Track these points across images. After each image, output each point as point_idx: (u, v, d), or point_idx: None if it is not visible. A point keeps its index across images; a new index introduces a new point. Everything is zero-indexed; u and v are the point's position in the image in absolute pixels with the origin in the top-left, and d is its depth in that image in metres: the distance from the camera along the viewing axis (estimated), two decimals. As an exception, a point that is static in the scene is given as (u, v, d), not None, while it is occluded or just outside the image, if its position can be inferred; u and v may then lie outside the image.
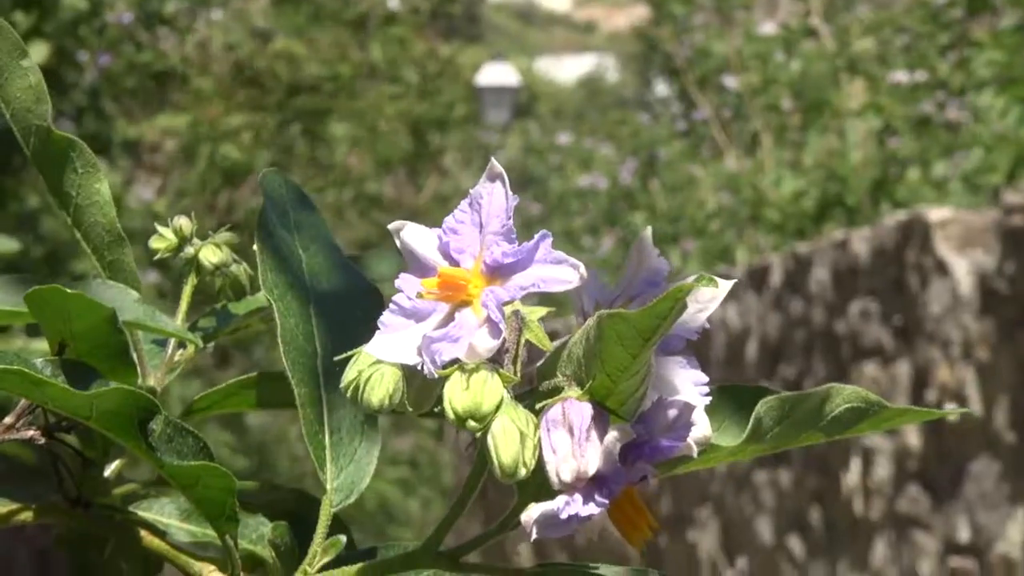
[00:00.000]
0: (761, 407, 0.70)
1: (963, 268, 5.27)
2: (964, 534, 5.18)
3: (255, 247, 0.76)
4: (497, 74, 17.52)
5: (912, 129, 7.45)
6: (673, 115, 13.87)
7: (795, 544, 6.48)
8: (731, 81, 11.17)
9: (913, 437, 5.44)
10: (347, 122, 13.96)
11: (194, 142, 12.10)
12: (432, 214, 15.22)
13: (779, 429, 0.71)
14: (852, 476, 5.90)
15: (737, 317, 6.92)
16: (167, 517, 0.78)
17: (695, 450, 0.66)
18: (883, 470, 5.71)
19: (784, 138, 9.61)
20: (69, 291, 0.71)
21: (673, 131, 12.90)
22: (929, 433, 5.37)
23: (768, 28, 12.24)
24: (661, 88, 15.15)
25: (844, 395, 0.72)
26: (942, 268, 5.34)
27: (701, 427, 0.66)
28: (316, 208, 0.78)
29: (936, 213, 5.52)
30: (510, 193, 0.66)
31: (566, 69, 24.45)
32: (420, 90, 15.26)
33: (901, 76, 7.81)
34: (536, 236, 0.65)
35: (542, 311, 0.65)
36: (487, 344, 0.63)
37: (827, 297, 6.19)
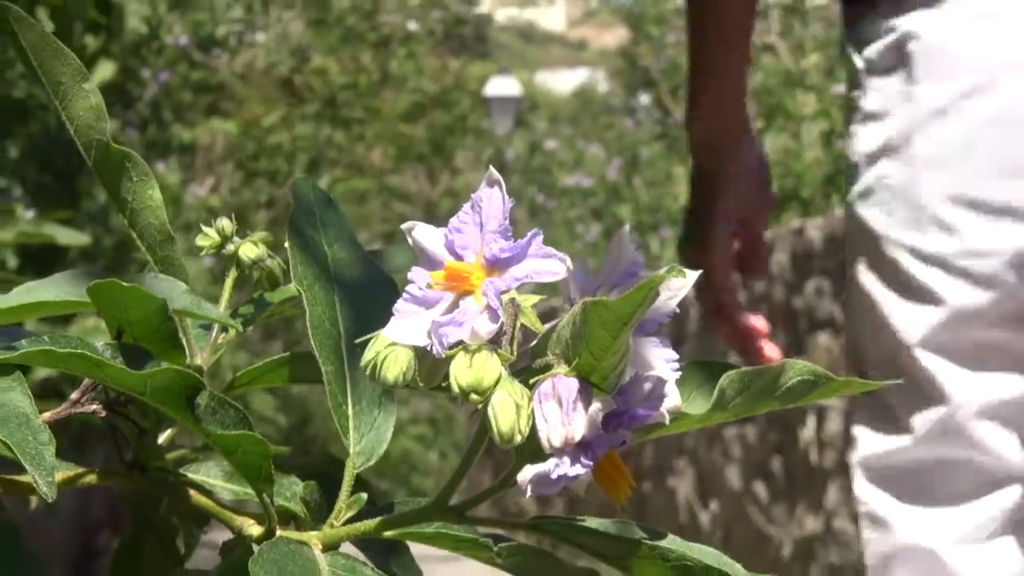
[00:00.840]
0: (724, 380, 0.69)
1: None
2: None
3: (287, 243, 0.76)
4: (502, 86, 17.47)
5: (860, 130, 7.51)
6: (653, 120, 13.85)
7: (760, 489, 6.49)
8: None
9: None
10: (371, 123, 13.99)
11: (241, 144, 12.10)
12: (445, 206, 15.22)
13: (740, 399, 0.70)
14: (808, 431, 5.91)
15: (709, 295, 7.00)
16: (212, 478, 0.78)
17: (667, 418, 0.65)
18: (834, 425, 5.73)
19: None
20: (125, 284, 0.70)
21: (652, 134, 12.90)
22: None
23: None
24: (643, 97, 15.11)
25: (796, 369, 0.72)
26: (884, 252, 5.38)
27: (672, 398, 0.65)
28: (339, 209, 0.78)
29: (877, 207, 5.56)
30: (506, 197, 0.65)
31: (562, 81, 24.37)
32: (437, 99, 15.27)
33: (842, 88, 7.86)
34: (528, 234, 0.65)
35: (535, 298, 0.65)
36: (487, 328, 0.62)
37: (786, 277, 6.20)
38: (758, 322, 2.87)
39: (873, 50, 2.49)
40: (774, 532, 6.10)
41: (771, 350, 2.80)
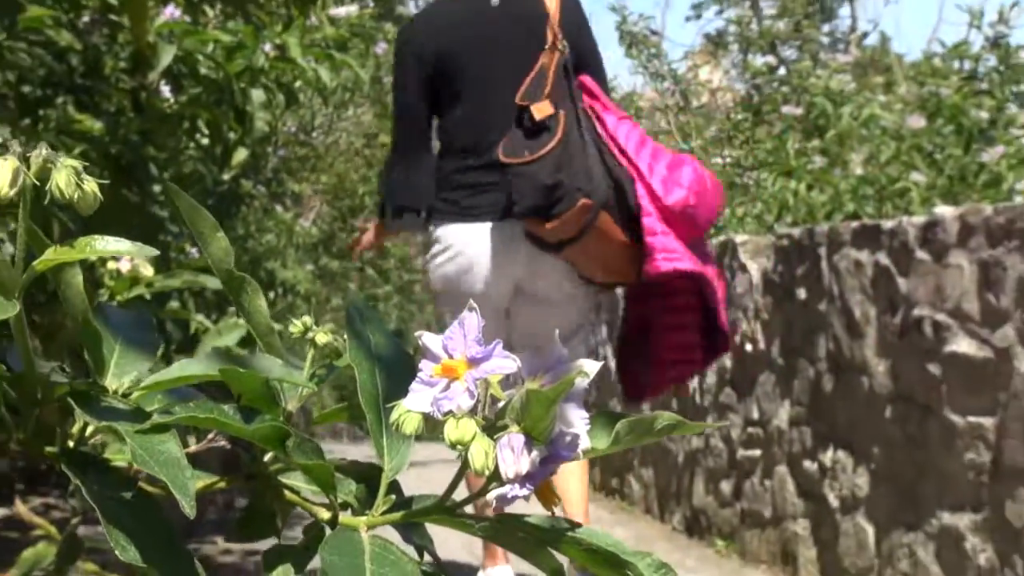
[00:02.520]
0: (619, 426, 0.70)
1: (755, 268, 5.24)
2: (755, 415, 5.16)
3: (345, 333, 0.77)
4: None
5: (727, 186, 7.41)
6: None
7: None
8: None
9: (727, 359, 5.42)
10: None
11: (331, 192, 12.08)
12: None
13: (629, 437, 0.70)
14: (695, 381, 5.85)
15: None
16: (298, 482, 0.77)
17: (581, 456, 0.66)
18: (711, 379, 5.67)
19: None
20: (242, 371, 0.70)
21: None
22: (736, 361, 5.34)
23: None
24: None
25: (664, 417, 0.72)
26: (743, 268, 5.30)
27: (584, 442, 0.66)
28: (377, 310, 0.79)
29: (740, 237, 5.48)
30: (480, 319, 0.65)
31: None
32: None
33: (718, 159, 7.77)
34: (493, 343, 0.64)
35: (499, 377, 0.65)
36: (467, 403, 0.63)
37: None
38: None
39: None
40: (672, 447, 6.05)
41: None
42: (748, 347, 5.23)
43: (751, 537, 5.16)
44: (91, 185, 0.59)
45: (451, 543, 3.07)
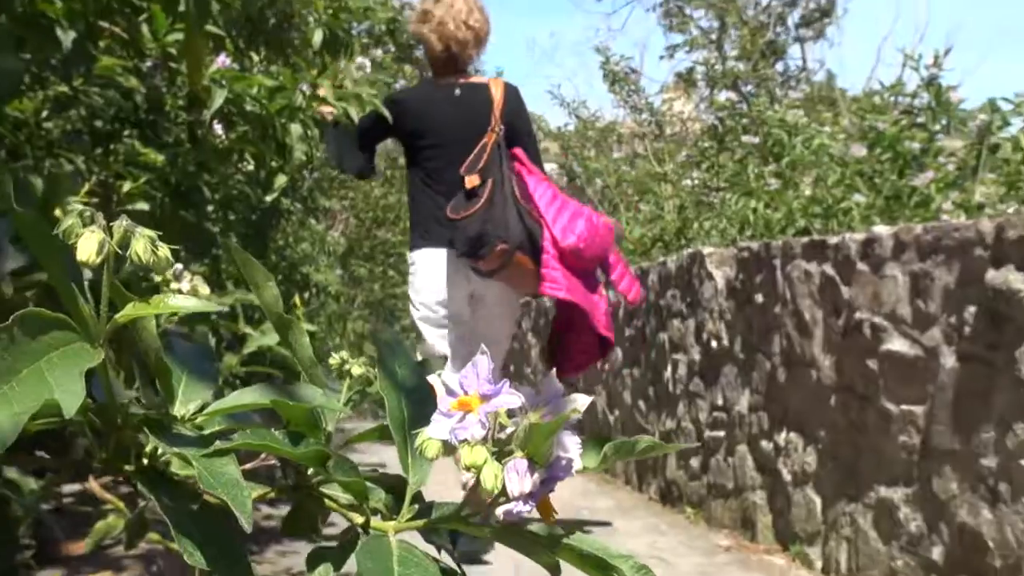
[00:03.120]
0: (607, 447, 0.71)
1: (719, 276, 5.24)
2: (720, 401, 5.16)
3: (375, 367, 0.77)
4: None
5: (696, 205, 7.40)
6: (583, 195, 13.81)
7: (641, 404, 6.42)
8: (601, 180, 11.12)
9: (696, 354, 5.41)
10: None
11: (357, 206, 12.04)
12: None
13: (615, 455, 0.71)
14: (668, 372, 5.85)
15: (615, 297, 6.89)
16: (336, 491, 0.76)
17: (573, 473, 0.67)
18: (683, 370, 5.67)
19: (631, 206, 9.57)
20: (291, 403, 0.70)
21: (582, 202, 12.83)
22: (705, 353, 5.34)
23: (618, 154, 12.18)
24: (579, 185, 15.00)
25: (644, 440, 0.73)
26: (710, 276, 5.30)
27: (577, 464, 0.66)
28: (404, 343, 0.78)
29: (707, 249, 5.48)
30: (491, 362, 0.66)
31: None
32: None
33: (687, 181, 7.78)
34: (501, 383, 0.65)
35: (505, 410, 0.65)
36: (479, 433, 0.63)
37: (656, 288, 6.13)
38: None
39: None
40: (648, 428, 6.05)
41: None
42: (714, 344, 5.23)
43: (716, 506, 5.17)
44: (163, 251, 0.60)
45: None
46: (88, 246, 0.57)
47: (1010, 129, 4.87)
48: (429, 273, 3.96)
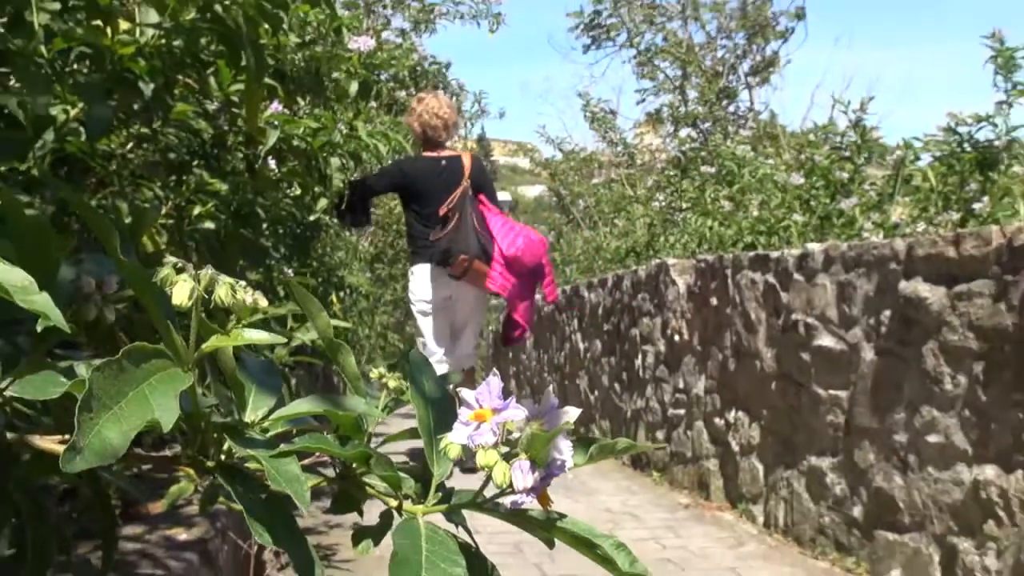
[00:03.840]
0: (592, 448, 0.72)
1: (681, 282, 5.25)
2: (681, 385, 5.16)
3: (407, 385, 0.78)
4: (502, 195, 17.25)
5: (662, 223, 7.39)
6: (565, 215, 13.78)
7: (617, 387, 6.42)
8: (583, 201, 11.13)
9: (662, 346, 5.42)
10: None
11: (382, 221, 12.00)
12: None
13: (599, 454, 0.72)
14: (639, 361, 5.86)
15: (595, 299, 6.86)
16: (375, 481, 0.76)
17: (567, 471, 0.68)
18: (651, 359, 5.68)
19: (609, 223, 9.58)
20: (340, 412, 0.71)
21: (565, 220, 12.77)
22: (669, 345, 5.34)
23: (597, 180, 12.19)
24: (564, 205, 15.06)
25: (621, 441, 0.74)
26: (673, 282, 5.31)
27: (568, 463, 0.67)
28: (430, 363, 0.79)
29: (671, 260, 5.48)
30: (500, 381, 0.66)
31: (530, 192, 24.14)
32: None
33: (655, 202, 7.77)
34: (508, 399, 0.66)
35: (512, 420, 0.66)
36: (491, 440, 0.64)
37: (629, 292, 6.13)
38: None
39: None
40: (622, 406, 6.07)
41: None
42: (676, 338, 5.24)
43: (677, 471, 5.18)
44: (241, 294, 0.61)
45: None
46: (181, 292, 0.58)
47: (920, 162, 4.88)
48: (420, 280, 4.80)
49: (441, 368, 4.56)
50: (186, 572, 1.42)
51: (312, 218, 3.92)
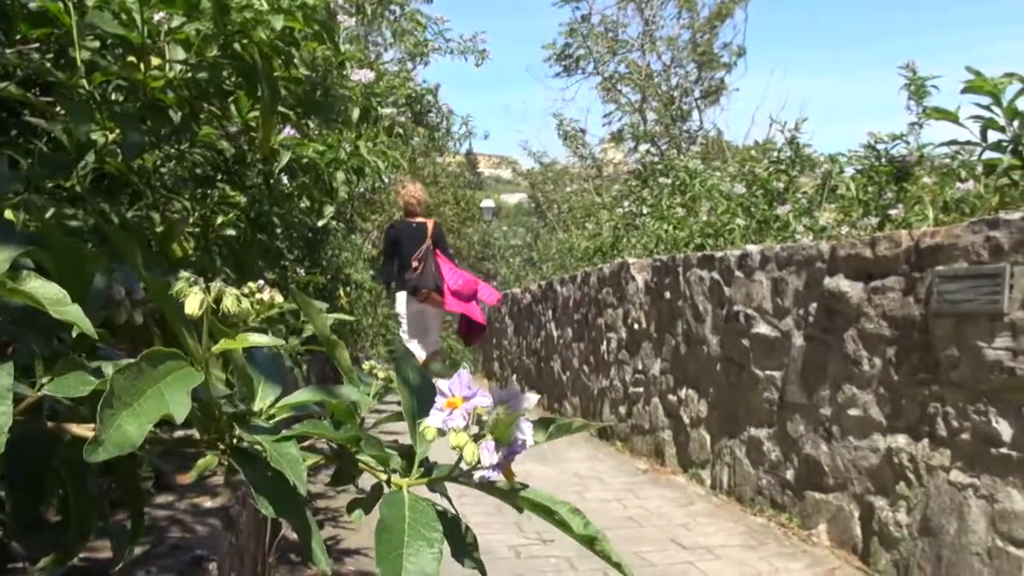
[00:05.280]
0: (551, 427, 0.72)
1: (640, 279, 5.26)
2: (640, 366, 5.18)
3: (393, 376, 0.78)
4: (487, 202, 17.09)
5: (626, 226, 7.40)
6: (543, 219, 13.75)
7: (585, 368, 6.41)
8: (557, 207, 11.10)
9: (624, 333, 5.43)
10: (437, 214, 13.86)
11: (383, 226, 11.97)
12: (469, 250, 15.08)
13: (557, 433, 0.72)
14: (604, 346, 5.87)
15: (567, 292, 6.85)
16: (367, 457, 0.76)
17: (527, 448, 0.69)
18: (614, 344, 5.69)
19: (580, 226, 9.56)
20: (334, 399, 0.72)
21: (542, 224, 12.76)
22: (630, 333, 5.36)
23: (569, 188, 12.18)
24: (541, 210, 15.06)
25: (577, 421, 0.74)
26: (633, 278, 5.32)
27: (530, 441, 0.68)
28: (415, 359, 0.79)
29: (631, 260, 5.49)
30: (468, 374, 0.67)
31: (512, 199, 24.06)
32: (464, 208, 15.10)
33: (620, 208, 7.76)
34: (475, 389, 0.66)
35: (481, 406, 0.67)
36: (461, 423, 0.64)
37: (596, 286, 6.14)
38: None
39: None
40: (590, 385, 6.06)
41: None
42: (636, 326, 5.26)
43: (637, 440, 5.21)
44: (246, 303, 0.62)
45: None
46: (192, 303, 0.59)
47: (844, 174, 4.92)
48: (400, 301, 6.19)
49: (415, 350, 5.99)
50: (210, 535, 1.42)
51: (320, 224, 3.91)
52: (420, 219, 6.20)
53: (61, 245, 0.63)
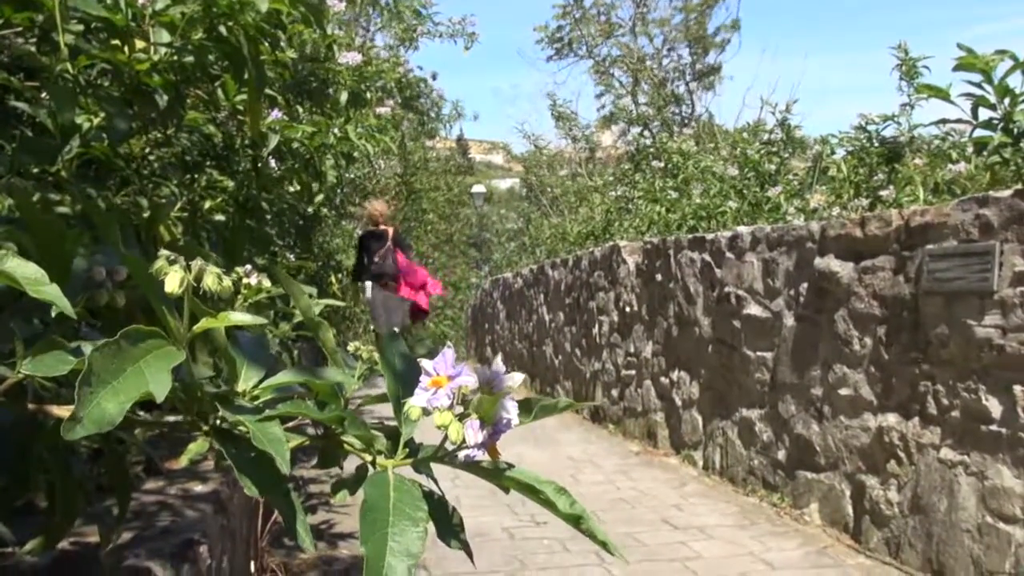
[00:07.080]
0: (536, 408, 0.71)
1: (631, 261, 5.26)
2: (632, 349, 5.19)
3: (378, 360, 0.77)
4: (478, 188, 17.02)
5: (618, 209, 7.39)
6: (535, 204, 13.70)
7: (577, 352, 6.42)
8: (551, 190, 11.08)
9: (615, 316, 5.44)
10: (428, 199, 13.79)
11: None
12: (457, 236, 15.04)
13: (541, 412, 0.72)
14: (596, 329, 5.87)
15: (559, 276, 6.85)
16: (352, 438, 0.76)
17: (512, 428, 0.69)
18: (606, 327, 5.69)
19: (573, 209, 9.55)
20: (319, 381, 0.71)
21: (535, 208, 12.74)
22: (622, 316, 5.36)
23: (562, 172, 12.16)
24: (534, 195, 15.01)
25: (562, 401, 0.73)
26: (624, 261, 5.32)
27: (515, 421, 0.68)
28: (402, 341, 0.78)
29: (623, 242, 5.49)
30: (453, 353, 0.66)
31: (502, 184, 23.95)
32: (455, 194, 15.06)
33: (613, 192, 7.75)
34: (462, 365, 0.65)
35: (466, 385, 0.67)
36: (446, 403, 0.64)
37: (587, 270, 6.14)
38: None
39: None
40: (582, 368, 6.09)
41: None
42: (627, 309, 5.27)
43: (630, 423, 5.22)
44: (227, 281, 0.61)
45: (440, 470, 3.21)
46: (172, 281, 0.58)
47: (835, 156, 4.92)
48: (367, 289, 7.18)
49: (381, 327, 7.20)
50: (201, 519, 1.42)
51: (311, 210, 3.89)
52: (383, 226, 7.64)
53: (40, 224, 0.62)
